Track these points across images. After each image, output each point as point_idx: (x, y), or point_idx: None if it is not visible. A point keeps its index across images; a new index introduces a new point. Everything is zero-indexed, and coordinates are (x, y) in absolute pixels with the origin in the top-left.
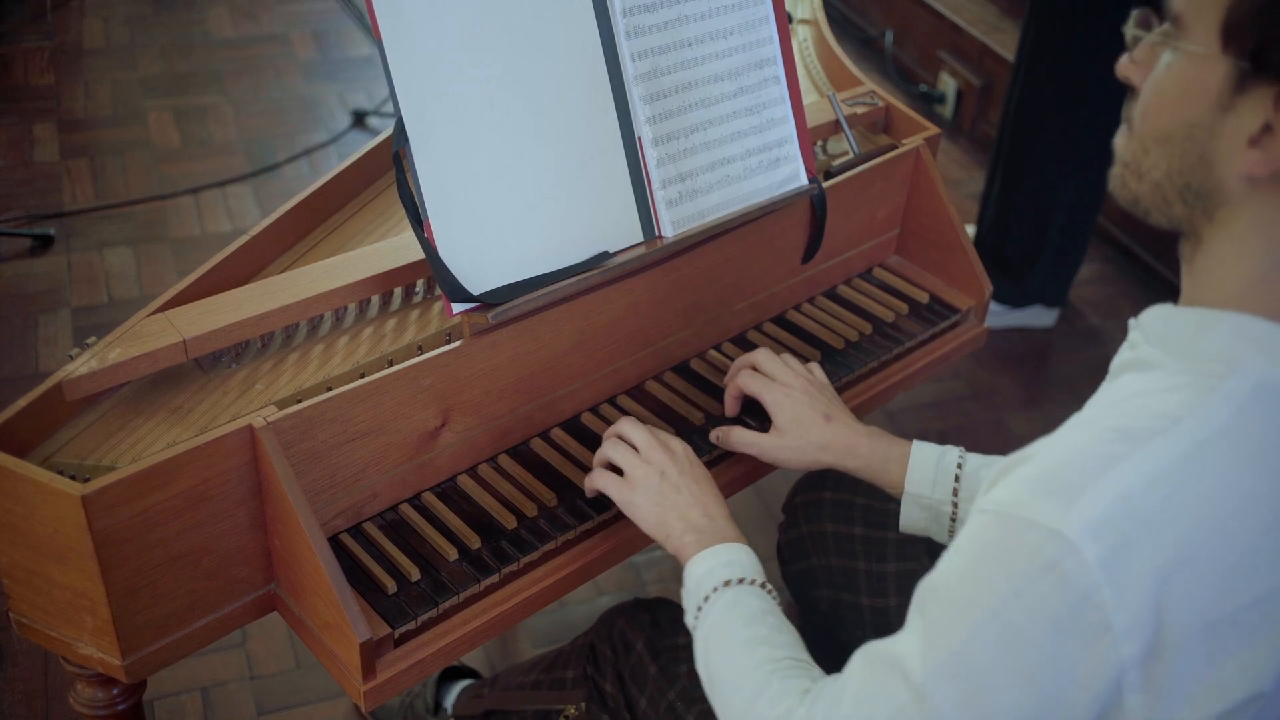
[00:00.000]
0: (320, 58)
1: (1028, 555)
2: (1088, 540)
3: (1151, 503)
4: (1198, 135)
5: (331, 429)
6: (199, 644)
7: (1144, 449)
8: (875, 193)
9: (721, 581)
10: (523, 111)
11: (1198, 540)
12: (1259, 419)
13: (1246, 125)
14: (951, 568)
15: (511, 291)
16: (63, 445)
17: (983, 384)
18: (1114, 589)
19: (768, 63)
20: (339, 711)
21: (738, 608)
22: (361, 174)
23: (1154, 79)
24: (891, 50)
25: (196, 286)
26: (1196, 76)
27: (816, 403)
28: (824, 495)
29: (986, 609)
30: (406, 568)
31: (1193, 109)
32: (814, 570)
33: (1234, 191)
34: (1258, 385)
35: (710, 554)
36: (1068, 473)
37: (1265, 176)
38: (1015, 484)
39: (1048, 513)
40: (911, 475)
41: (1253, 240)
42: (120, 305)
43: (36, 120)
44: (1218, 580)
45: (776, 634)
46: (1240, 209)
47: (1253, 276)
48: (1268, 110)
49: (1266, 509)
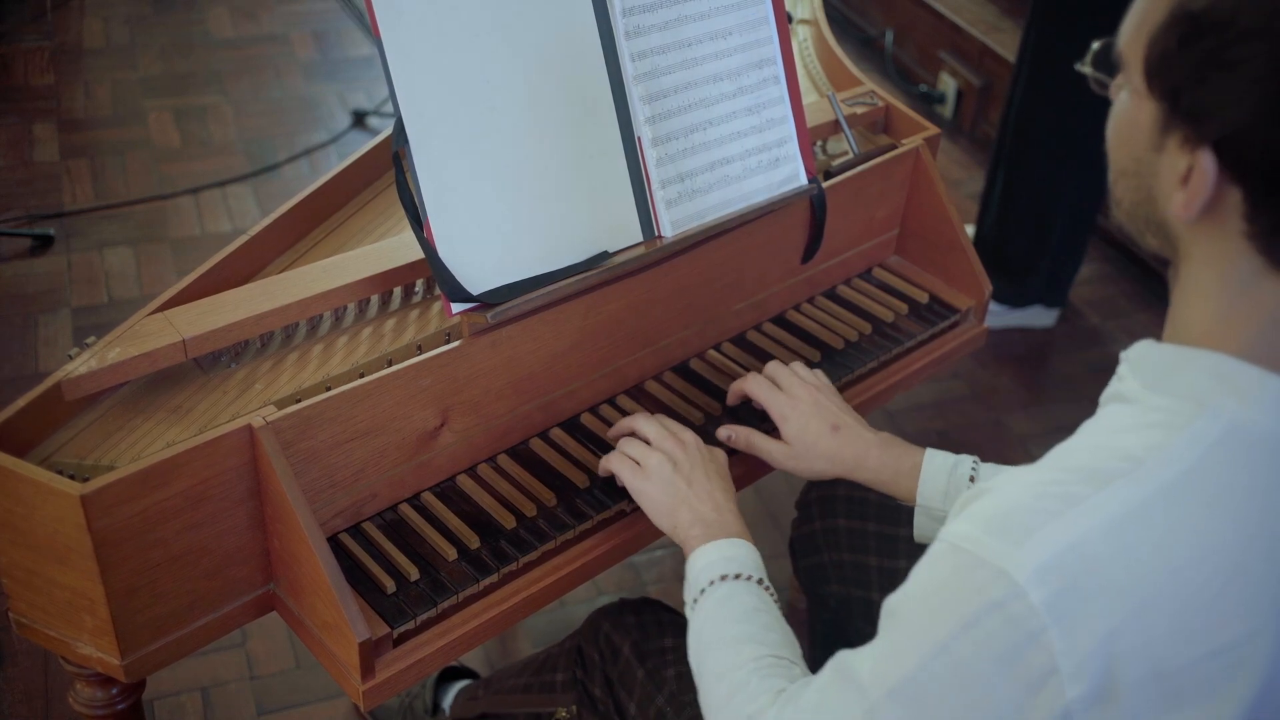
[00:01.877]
0: (320, 58)
1: (976, 592)
2: (1034, 583)
3: (1105, 549)
4: (1143, 171)
5: (331, 429)
6: (198, 644)
7: (1102, 493)
8: (875, 193)
9: (719, 575)
10: (522, 111)
11: (1153, 588)
12: (1224, 464)
13: (1176, 166)
14: (912, 591)
15: (511, 291)
16: (62, 445)
17: (983, 384)
18: (1060, 631)
19: (767, 63)
20: (338, 711)
21: (731, 602)
22: (361, 174)
23: (1112, 114)
24: (891, 50)
25: (196, 286)
26: (1135, 114)
27: (824, 413)
28: (838, 491)
29: (937, 640)
30: (405, 567)
31: (1135, 146)
32: (825, 565)
33: (1178, 228)
34: (1226, 429)
35: (713, 548)
36: (1022, 513)
37: (1189, 218)
38: (973, 517)
39: (997, 551)
40: (923, 488)
41: (1207, 276)
42: (120, 305)
43: (36, 120)
44: (1174, 629)
45: (766, 632)
46: (1191, 246)
47: (1216, 313)
48: (1189, 154)
49: (1228, 558)
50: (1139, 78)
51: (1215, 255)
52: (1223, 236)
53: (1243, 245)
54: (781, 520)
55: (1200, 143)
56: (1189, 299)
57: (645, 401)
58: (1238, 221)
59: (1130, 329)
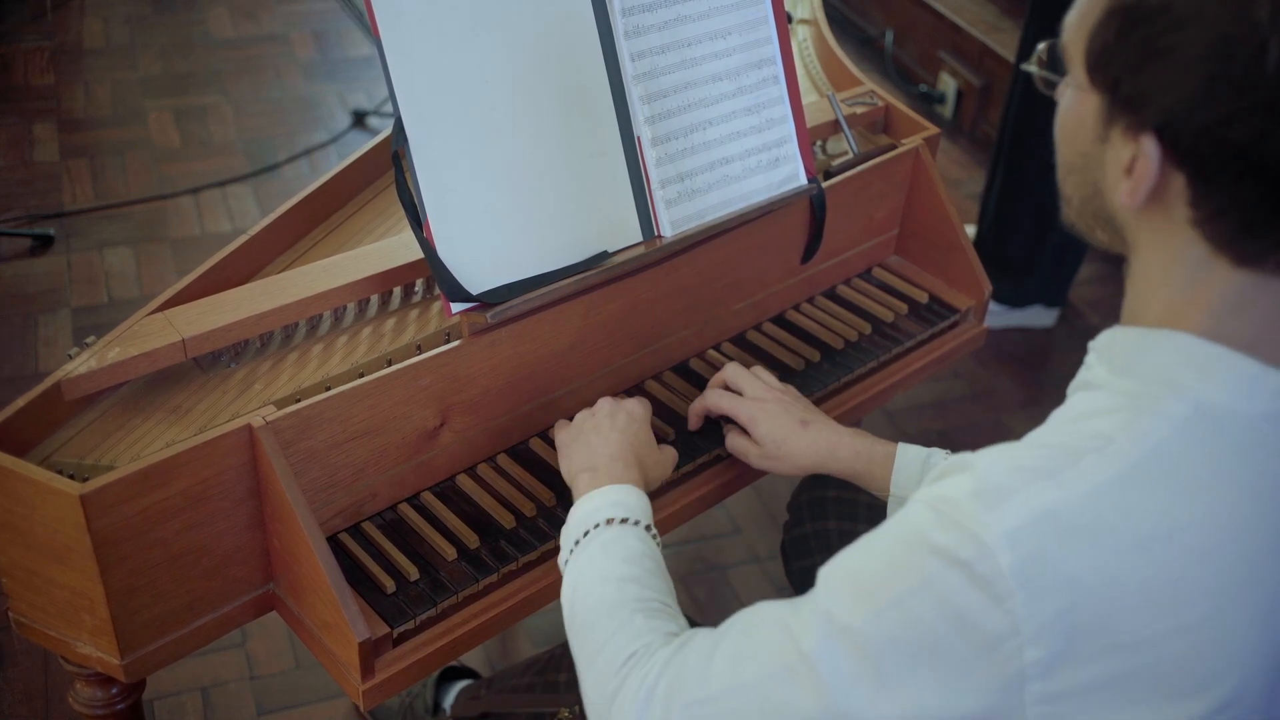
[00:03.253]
0: (320, 58)
1: (943, 550)
2: (1004, 547)
3: (1075, 521)
4: (1090, 165)
5: (330, 429)
6: (198, 643)
7: (1075, 467)
8: (875, 193)
9: (605, 519)
10: (522, 111)
11: (1120, 562)
12: (1193, 443)
13: (1120, 156)
14: (866, 550)
15: (510, 291)
16: (62, 445)
17: (983, 384)
18: (1026, 596)
19: (767, 63)
20: (338, 711)
21: (616, 545)
22: (361, 174)
23: (1058, 112)
24: (891, 50)
25: (196, 286)
26: (1079, 109)
27: (792, 411)
28: (828, 493)
29: (893, 593)
30: (405, 567)
31: (1081, 140)
32: (818, 568)
33: (1126, 218)
34: (1194, 409)
35: (599, 493)
36: (997, 479)
37: (1134, 206)
38: (947, 484)
39: (970, 514)
40: (897, 477)
41: (1157, 263)
42: (120, 305)
43: (36, 120)
44: (1138, 603)
45: (652, 577)
46: (1139, 234)
47: (1170, 300)
48: (1132, 143)
49: (1196, 537)
50: (1081, 72)
51: (1163, 243)
52: (1169, 224)
53: (1189, 232)
54: (781, 521)
55: (1142, 130)
56: (1142, 288)
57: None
58: (1182, 208)
59: None
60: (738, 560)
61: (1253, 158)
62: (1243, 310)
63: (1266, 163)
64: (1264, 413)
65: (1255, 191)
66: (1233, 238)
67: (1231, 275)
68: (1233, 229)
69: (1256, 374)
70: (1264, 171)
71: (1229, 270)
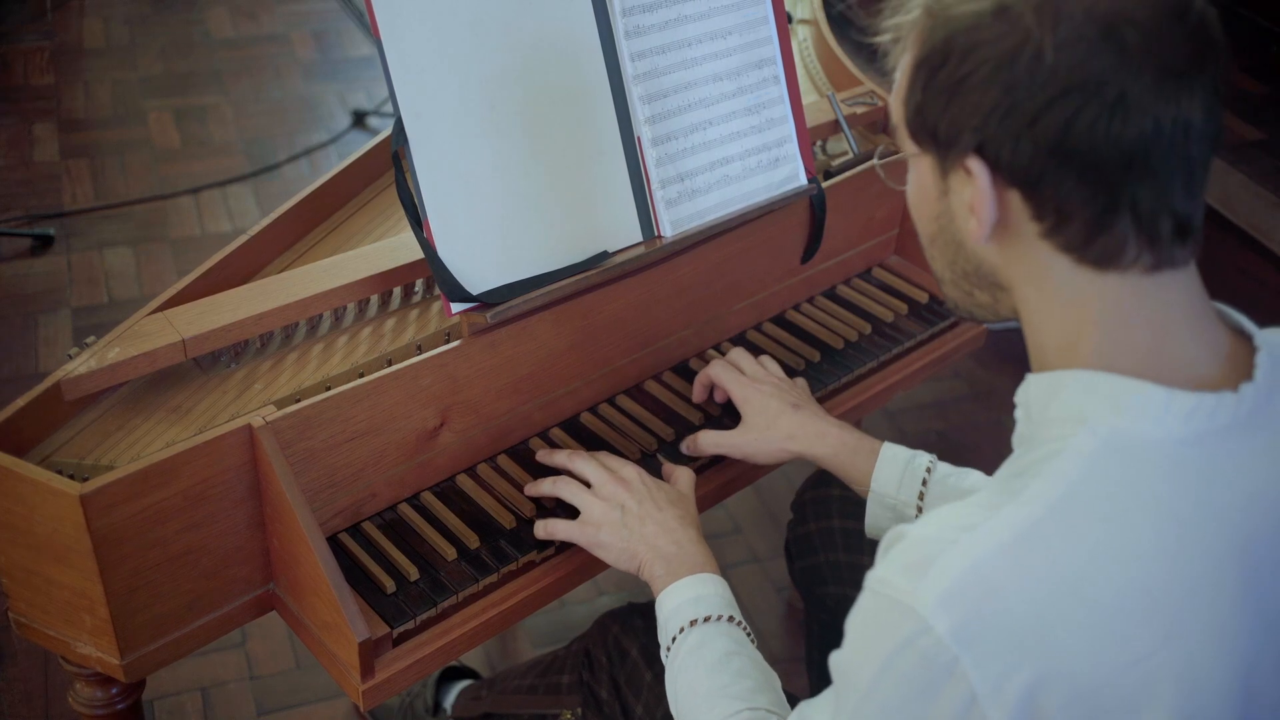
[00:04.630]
0: (320, 58)
1: (889, 632)
2: (939, 613)
3: (1000, 571)
4: (945, 224)
5: (330, 429)
6: (198, 643)
7: (993, 519)
8: (874, 193)
9: (689, 620)
10: (522, 111)
11: (1055, 606)
12: (1107, 476)
13: (962, 199)
14: (845, 642)
15: (510, 291)
16: (62, 445)
17: (983, 384)
18: (972, 658)
19: (767, 63)
20: (338, 711)
21: (703, 649)
22: (361, 174)
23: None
24: None
25: (196, 286)
26: (920, 177)
27: (785, 394)
28: (832, 492)
29: (864, 687)
30: (405, 567)
31: (930, 204)
32: (821, 566)
33: (992, 259)
34: (1105, 439)
35: (679, 589)
36: (924, 545)
37: (986, 237)
38: (887, 561)
39: (903, 588)
40: (879, 474)
41: (1036, 295)
42: (120, 305)
43: (36, 120)
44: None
45: (738, 680)
46: (1009, 272)
47: (1061, 331)
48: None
49: (1127, 567)
50: (909, 141)
51: (1030, 270)
52: (1025, 246)
53: (1045, 248)
54: (781, 520)
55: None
56: (1036, 327)
57: (645, 401)
58: (1028, 224)
59: None
60: (738, 560)
61: (1067, 150)
62: (1130, 321)
63: (1081, 151)
64: (1177, 438)
65: (1083, 184)
66: (1084, 239)
67: (1103, 285)
68: (1081, 230)
69: (1163, 399)
70: (1081, 160)
71: (1097, 279)
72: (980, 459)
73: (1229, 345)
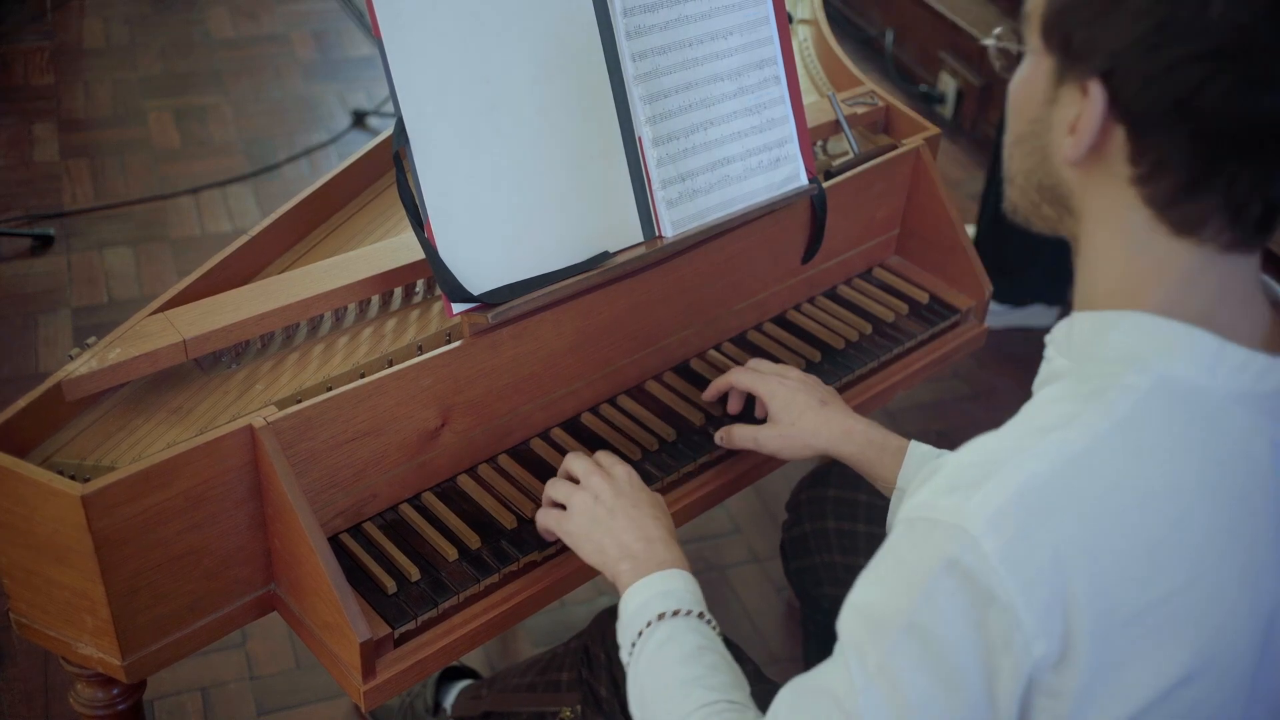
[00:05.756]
0: (320, 58)
1: (932, 554)
2: (988, 533)
3: (1048, 495)
4: (1039, 130)
5: (331, 429)
6: (199, 644)
7: (1043, 442)
8: (875, 193)
9: (656, 615)
10: (523, 111)
11: (1097, 533)
12: (1158, 413)
13: (1067, 114)
14: (868, 584)
15: (511, 291)
16: (63, 445)
17: (983, 384)
18: (1017, 583)
19: (768, 63)
20: (339, 711)
21: (672, 644)
22: (361, 174)
23: (1011, 85)
24: (891, 50)
25: (196, 286)
26: (1033, 75)
27: (812, 391)
28: (828, 493)
29: (903, 619)
30: (406, 568)
31: (1032, 106)
32: (817, 568)
33: (1072, 183)
34: (1157, 380)
35: (646, 584)
36: (970, 469)
37: (1077, 159)
38: (924, 489)
39: (948, 508)
40: (905, 471)
41: (1105, 235)
42: (120, 305)
43: (36, 120)
44: (1121, 574)
45: (712, 674)
46: (1085, 202)
47: (1122, 276)
48: (1079, 98)
49: (1168, 504)
50: (1036, 36)
51: (1107, 210)
52: (1110, 183)
53: (1129, 193)
54: (781, 520)
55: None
56: (1092, 269)
57: (646, 401)
58: (1122, 165)
59: None
60: (738, 560)
61: (1190, 108)
62: (1191, 285)
63: (1204, 113)
64: (1227, 390)
65: (1191, 146)
66: (1171, 199)
67: (1175, 248)
68: (1171, 189)
69: (1216, 349)
70: (1200, 122)
71: (1171, 241)
72: None
73: (1270, 317)
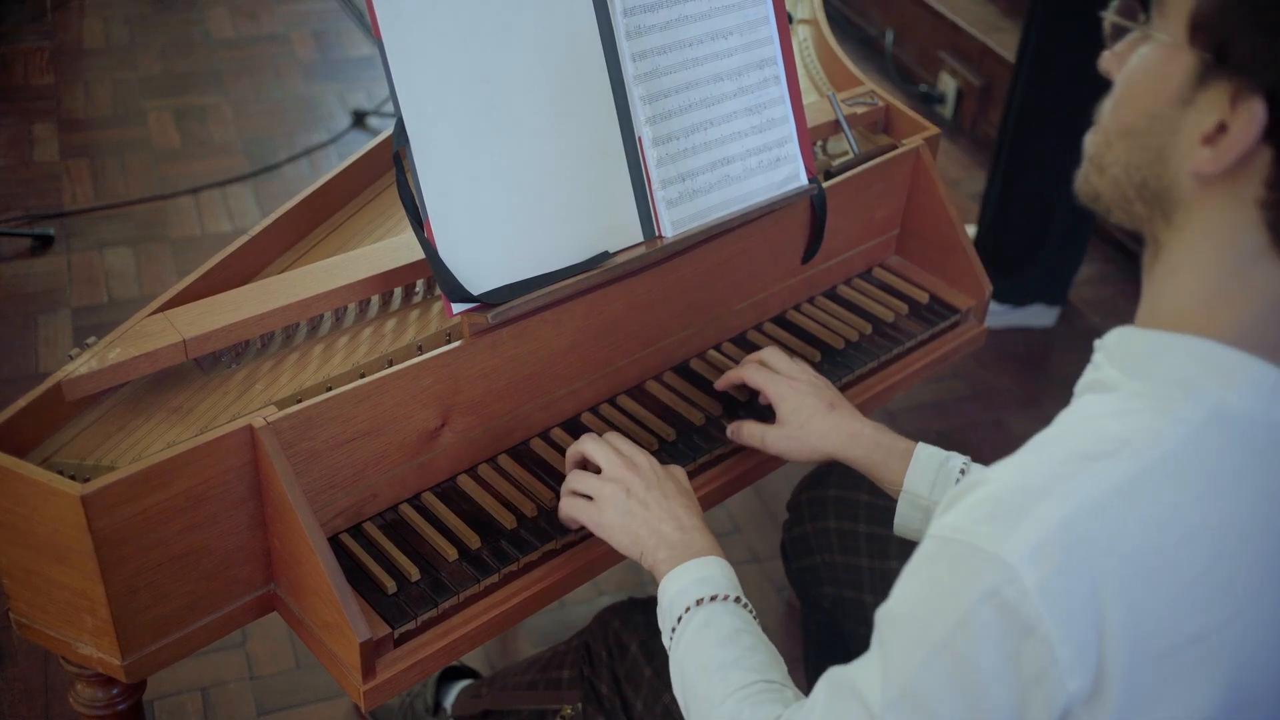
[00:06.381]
0: (320, 58)
1: (970, 582)
2: (1028, 566)
3: (1091, 529)
4: (1158, 129)
5: (331, 429)
6: (199, 644)
7: (1088, 471)
8: (875, 193)
9: (694, 600)
10: (523, 111)
11: (1139, 568)
12: (1210, 447)
13: (1203, 122)
14: (904, 594)
15: (511, 291)
16: (63, 445)
17: (983, 384)
18: (1055, 618)
19: (768, 63)
20: (339, 711)
21: (711, 628)
22: (361, 174)
23: (1126, 70)
24: (891, 50)
25: (196, 286)
26: (1163, 67)
27: (821, 393)
28: (828, 493)
29: (936, 639)
30: (406, 568)
31: (1156, 100)
32: (818, 567)
33: (1186, 192)
34: (1212, 412)
35: (684, 570)
36: (1012, 496)
37: (1212, 175)
38: (963, 509)
39: (989, 537)
40: (912, 473)
41: (1204, 250)
42: (120, 305)
43: (36, 120)
44: (1161, 611)
45: (750, 655)
46: (1193, 213)
47: (1205, 294)
48: (1224, 108)
49: (1214, 540)
50: (1181, 28)
51: (1219, 226)
52: (1235, 204)
53: (1253, 216)
54: (781, 520)
55: (1251, 94)
56: (1174, 276)
57: (646, 401)
58: (1256, 187)
59: None
60: (738, 560)
61: None
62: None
63: None
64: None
65: None
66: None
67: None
68: None
69: (1275, 382)
70: None
71: (1273, 268)
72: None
73: None
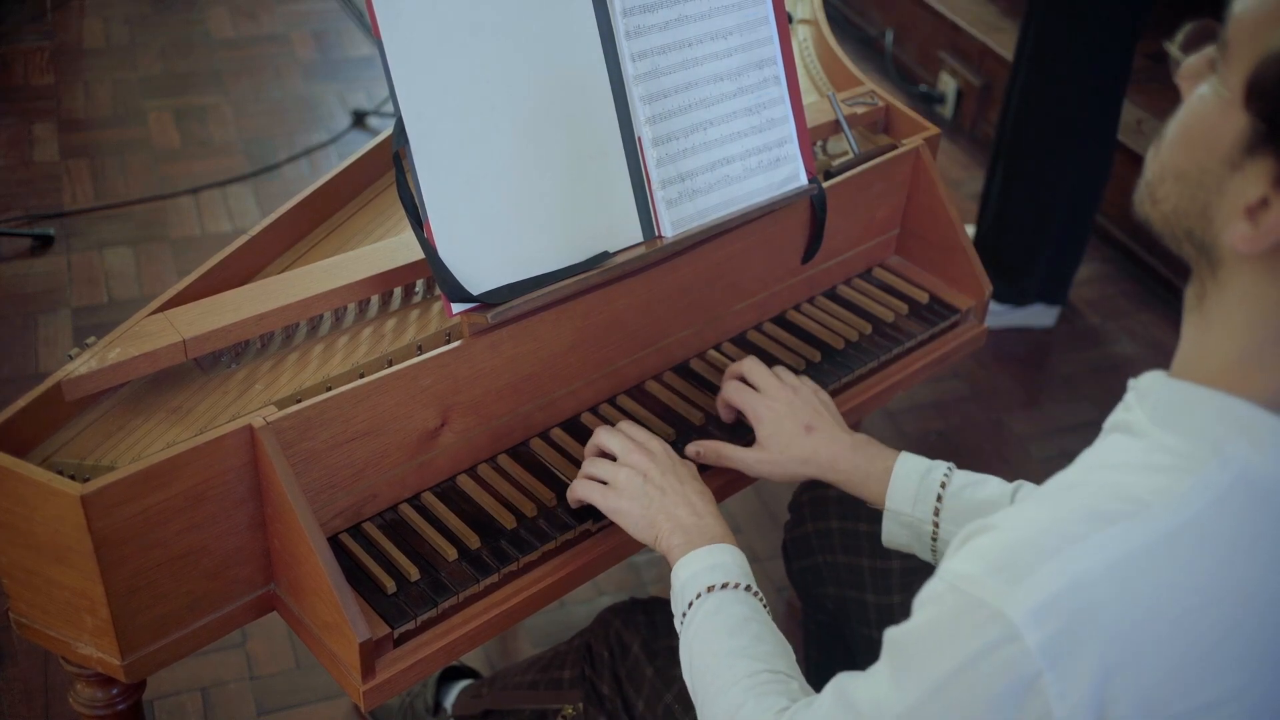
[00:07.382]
0: (320, 58)
1: (973, 633)
2: (1030, 625)
3: (1103, 592)
4: (1207, 182)
5: (331, 429)
6: (199, 644)
7: (1105, 533)
8: (875, 193)
9: (705, 586)
10: (522, 111)
11: (1151, 636)
12: (1233, 514)
13: (1248, 191)
14: (914, 627)
15: (511, 291)
16: (62, 445)
17: (983, 384)
18: (1056, 676)
19: (768, 63)
20: (339, 711)
21: (720, 615)
22: (361, 174)
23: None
24: (891, 50)
25: (196, 286)
26: (1218, 120)
27: (799, 414)
28: (830, 492)
29: (936, 678)
30: (406, 568)
31: (1208, 155)
32: (819, 567)
33: (1228, 255)
34: (1238, 477)
35: (696, 556)
36: (1022, 550)
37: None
38: (972, 556)
39: (994, 591)
40: (893, 492)
41: (1239, 313)
42: (120, 305)
43: (36, 120)
44: (1168, 680)
45: (757, 644)
46: (1233, 276)
47: (1239, 353)
48: (1269, 184)
49: (1228, 610)
50: (1239, 84)
51: (1257, 295)
52: (1273, 279)
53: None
54: (781, 520)
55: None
56: (1212, 331)
57: (646, 401)
58: None
59: (1130, 329)
60: None
61: None
62: None
63: None
64: None
65: None
66: None
67: None
68: None
69: None
70: None
71: None
72: (980, 459)
73: None
